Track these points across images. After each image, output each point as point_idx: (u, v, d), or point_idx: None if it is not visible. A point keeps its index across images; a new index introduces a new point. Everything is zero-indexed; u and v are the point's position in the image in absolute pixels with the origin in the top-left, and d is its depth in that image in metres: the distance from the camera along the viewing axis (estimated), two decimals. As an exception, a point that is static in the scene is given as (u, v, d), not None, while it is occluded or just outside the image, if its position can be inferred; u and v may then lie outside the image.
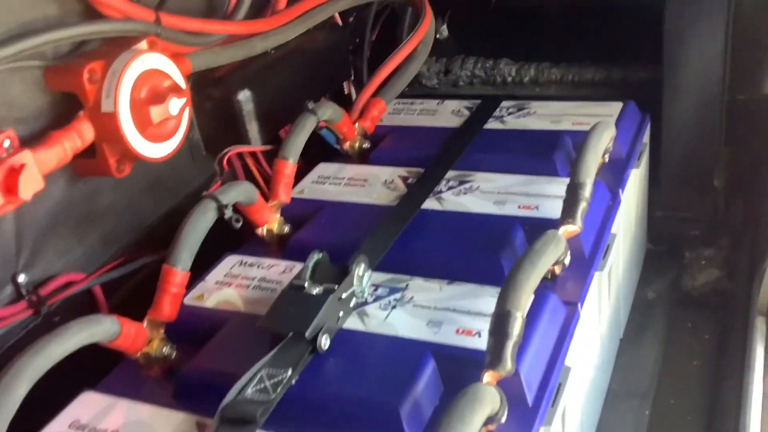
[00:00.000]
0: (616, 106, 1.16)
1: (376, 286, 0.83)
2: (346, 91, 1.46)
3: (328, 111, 1.07)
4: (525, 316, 0.68)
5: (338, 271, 0.79)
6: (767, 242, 1.11)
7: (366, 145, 1.19)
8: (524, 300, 0.68)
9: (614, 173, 1.04)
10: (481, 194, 0.99)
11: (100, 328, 0.72)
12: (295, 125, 1.03)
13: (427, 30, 1.27)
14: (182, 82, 0.97)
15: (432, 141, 1.15)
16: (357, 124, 1.20)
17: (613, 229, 0.96)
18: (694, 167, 1.27)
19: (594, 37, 1.42)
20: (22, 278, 0.88)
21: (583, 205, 0.86)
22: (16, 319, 0.85)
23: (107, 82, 0.88)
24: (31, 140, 0.84)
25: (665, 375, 1.10)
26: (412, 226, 0.94)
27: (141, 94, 0.91)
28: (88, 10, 0.93)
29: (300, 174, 1.08)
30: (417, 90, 1.57)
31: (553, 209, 0.92)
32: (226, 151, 1.05)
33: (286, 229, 1.00)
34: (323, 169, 1.13)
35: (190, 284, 0.86)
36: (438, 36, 1.57)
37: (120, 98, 0.88)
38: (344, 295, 0.77)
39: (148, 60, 0.92)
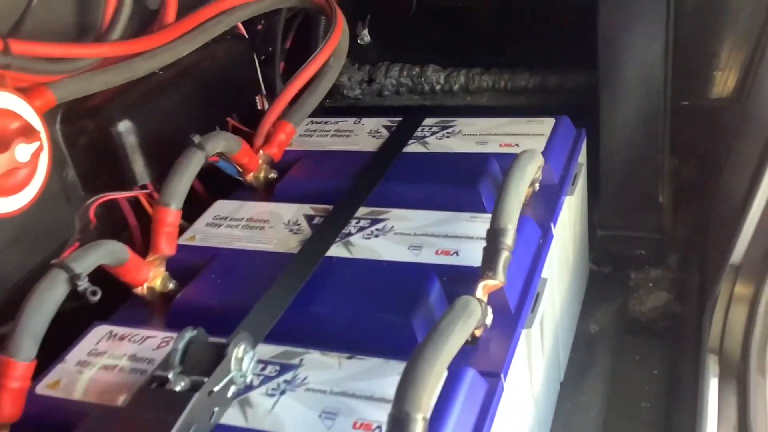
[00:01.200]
0: (547, 123, 1.04)
1: (265, 364, 0.70)
2: (259, 107, 1.32)
3: (219, 143, 0.93)
4: (428, 418, 0.56)
5: (215, 353, 0.66)
6: (717, 263, 1.00)
7: (272, 175, 1.05)
8: (426, 399, 0.56)
9: (545, 203, 0.93)
10: (394, 237, 0.86)
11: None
12: (177, 164, 0.89)
13: (339, 40, 1.13)
14: (36, 122, 0.83)
15: (345, 169, 1.02)
16: (262, 152, 1.06)
17: (545, 273, 0.84)
18: (636, 181, 1.16)
19: (527, 41, 1.31)
20: None
21: (505, 255, 0.74)
22: None
23: (-66, 131, 0.73)
24: None
25: (611, 421, 0.99)
26: (313, 280, 0.81)
27: (-21, 143, 0.76)
28: None
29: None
30: (339, 101, 1.44)
31: (475, 254, 0.79)
32: (90, 201, 0.90)
33: (171, 285, 0.86)
34: (220, 208, 0.99)
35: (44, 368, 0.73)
36: (359, 41, 1.44)
37: (-51, 150, 0.73)
38: (218, 388, 0.64)
39: (-13, 100, 0.77)
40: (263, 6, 1.18)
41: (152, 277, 0.85)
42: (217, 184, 1.08)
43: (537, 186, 0.92)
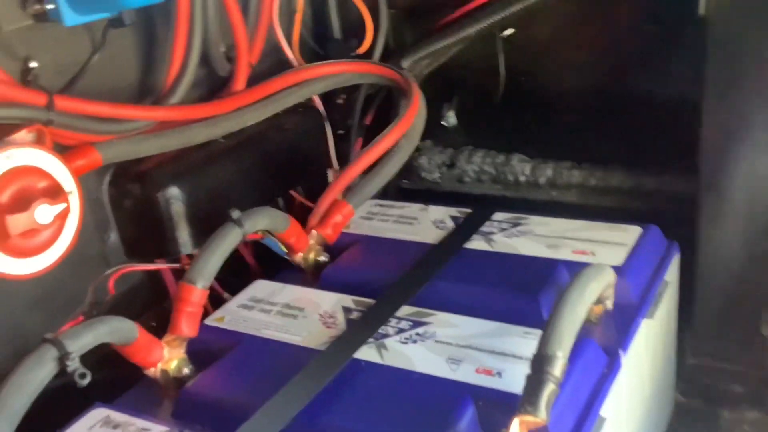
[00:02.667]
0: (632, 232, 0.92)
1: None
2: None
3: (261, 220, 0.87)
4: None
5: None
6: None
7: (323, 258, 0.98)
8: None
9: (617, 325, 0.80)
10: (434, 345, 0.76)
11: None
12: (210, 240, 0.82)
13: (413, 120, 1.06)
14: (69, 183, 0.79)
15: (399, 261, 0.93)
16: (315, 232, 0.99)
17: (605, 410, 0.71)
18: (738, 308, 1.01)
19: (623, 137, 1.19)
20: None
21: (550, 389, 0.62)
22: None
23: (-45, 184, 0.70)
24: None
25: None
26: (334, 384, 0.72)
27: (1, 199, 0.72)
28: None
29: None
30: (416, 184, 1.37)
31: (521, 378, 0.67)
32: (110, 271, 0.85)
33: (186, 371, 0.79)
34: (259, 288, 0.92)
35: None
36: (444, 123, 1.37)
37: (-34, 204, 0.70)
38: None
39: (17, 156, 0.74)
40: (338, 81, 1.13)
41: (168, 359, 0.78)
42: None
43: (609, 304, 0.80)
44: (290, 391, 0.71)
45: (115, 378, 0.79)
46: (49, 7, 0.80)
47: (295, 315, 0.85)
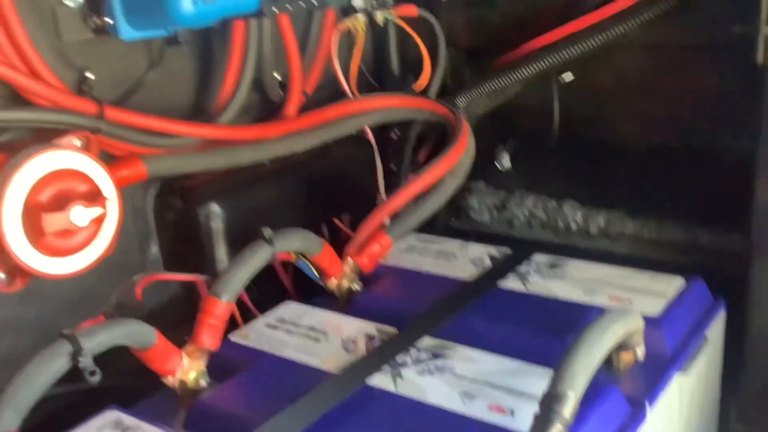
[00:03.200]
0: (674, 283, 0.88)
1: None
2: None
3: (292, 241, 0.87)
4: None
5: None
6: None
7: (356, 286, 0.97)
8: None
9: (647, 376, 0.76)
10: (450, 378, 0.74)
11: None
12: (240, 255, 0.83)
13: (459, 157, 1.05)
14: (110, 190, 0.81)
15: (430, 294, 0.92)
16: (350, 259, 0.99)
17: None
18: (788, 375, 0.94)
19: (680, 189, 1.14)
20: None
21: (557, 429, 0.59)
22: None
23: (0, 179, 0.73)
24: None
25: None
26: (341, 409, 0.70)
27: (40, 199, 0.75)
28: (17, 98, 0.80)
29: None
30: (465, 224, 1.35)
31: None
32: (138, 277, 0.86)
33: (203, 383, 0.79)
34: (286, 310, 0.92)
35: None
36: (498, 165, 1.35)
37: (7, 198, 0.73)
38: None
39: (61, 158, 0.77)
40: (390, 114, 1.14)
41: (186, 370, 0.79)
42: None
43: (639, 353, 0.76)
44: (297, 410, 0.70)
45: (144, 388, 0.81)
46: (108, 21, 0.83)
47: (318, 338, 0.85)
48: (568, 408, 0.60)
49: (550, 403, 0.60)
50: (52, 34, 0.84)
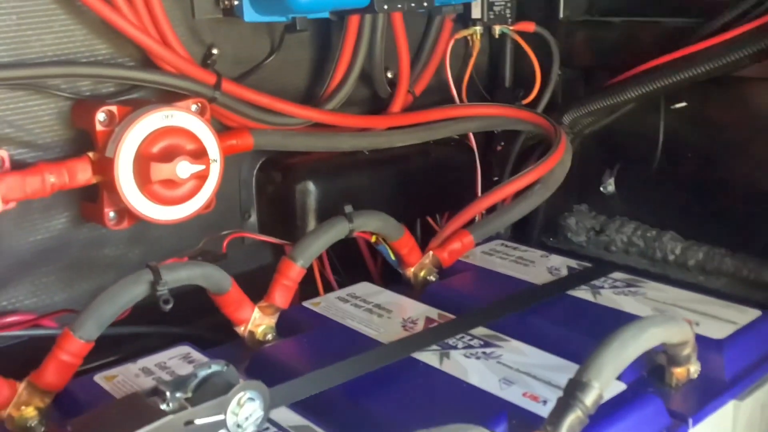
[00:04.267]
0: (749, 314, 0.86)
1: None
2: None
3: (371, 222, 0.93)
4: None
5: (221, 390, 0.63)
6: None
7: (432, 277, 1.01)
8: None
9: (699, 395, 0.75)
10: (495, 365, 0.76)
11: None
12: (319, 226, 0.90)
13: (552, 168, 1.06)
14: (215, 152, 0.90)
15: (499, 292, 0.94)
16: (431, 252, 1.03)
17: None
18: None
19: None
20: (-28, 301, 0.84)
21: (575, 414, 0.60)
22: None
23: (119, 128, 0.84)
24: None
25: None
26: (386, 373, 0.75)
27: (152, 149, 0.85)
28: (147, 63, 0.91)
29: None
30: (561, 243, 1.35)
31: (565, 412, 0.66)
32: (226, 233, 0.94)
33: (269, 337, 0.85)
34: (361, 288, 0.97)
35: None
36: (602, 189, 1.35)
37: (123, 145, 0.83)
38: (201, 422, 0.61)
39: (176, 117, 0.86)
40: (492, 123, 1.18)
41: (256, 323, 0.85)
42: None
43: (693, 371, 0.75)
44: (341, 367, 0.75)
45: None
46: (236, 3, 0.93)
47: (381, 314, 0.89)
48: (591, 397, 0.61)
49: (573, 389, 0.62)
50: (187, 11, 0.94)
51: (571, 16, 1.27)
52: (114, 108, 0.84)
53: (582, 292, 0.94)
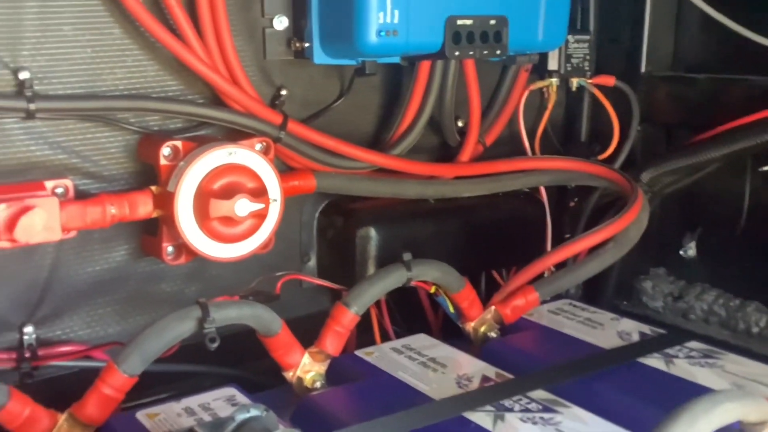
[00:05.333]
0: (842, 394, 0.78)
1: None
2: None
3: (430, 271, 0.89)
4: None
5: (258, 438, 0.60)
6: None
7: (493, 334, 0.96)
8: None
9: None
10: (552, 432, 0.71)
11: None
12: (376, 273, 0.87)
13: (626, 226, 1.01)
14: (275, 192, 0.89)
15: (564, 354, 0.89)
16: (494, 307, 0.98)
17: None
18: None
19: None
20: (28, 330, 0.84)
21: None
22: (-6, 365, 0.80)
23: (182, 163, 0.84)
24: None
25: None
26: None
27: (212, 185, 0.84)
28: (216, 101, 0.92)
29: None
30: (635, 308, 1.28)
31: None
32: (281, 274, 0.92)
33: (319, 384, 0.82)
34: (416, 340, 0.94)
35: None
36: (682, 253, 1.28)
37: (185, 180, 0.83)
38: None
39: (238, 155, 0.86)
40: (564, 177, 1.14)
41: (305, 369, 0.83)
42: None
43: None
44: (387, 422, 0.71)
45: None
46: (306, 45, 0.93)
47: (436, 369, 0.85)
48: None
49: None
50: (259, 51, 0.95)
51: (653, 71, 1.22)
52: (179, 143, 0.85)
53: (654, 360, 0.87)
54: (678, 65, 1.23)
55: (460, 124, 1.13)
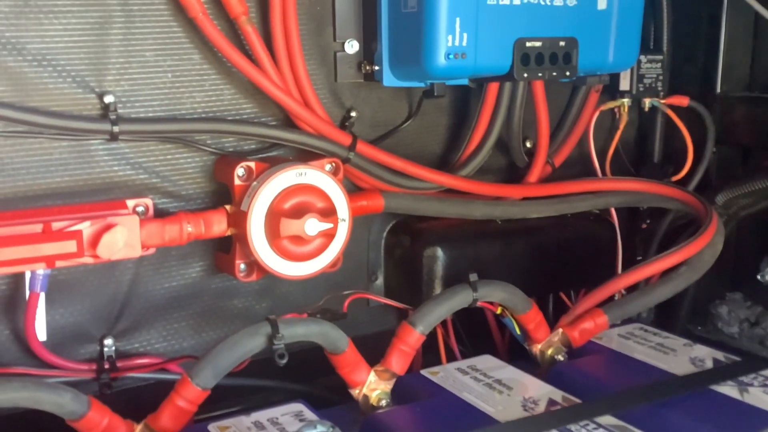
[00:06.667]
0: None
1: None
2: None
3: (496, 292, 0.89)
4: None
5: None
6: None
7: (561, 357, 0.96)
8: None
9: None
10: (618, 460, 0.70)
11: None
12: (442, 293, 0.87)
13: (700, 249, 0.98)
14: (344, 212, 0.91)
15: (634, 380, 0.88)
16: (561, 330, 0.97)
17: None
18: None
19: None
20: (108, 342, 0.88)
21: None
22: (75, 376, 0.84)
23: (255, 183, 0.87)
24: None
25: None
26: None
27: (283, 205, 0.87)
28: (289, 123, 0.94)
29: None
30: (709, 333, 1.25)
31: None
32: (348, 293, 0.93)
33: (384, 403, 0.83)
34: (482, 361, 0.94)
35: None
36: (760, 278, 1.24)
37: (257, 200, 0.86)
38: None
39: (308, 175, 0.88)
40: (636, 199, 1.13)
41: (371, 387, 0.84)
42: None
43: None
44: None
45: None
46: (376, 68, 0.95)
47: (501, 391, 0.85)
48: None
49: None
50: (330, 74, 0.97)
51: (729, 92, 1.20)
52: (252, 164, 0.87)
53: (727, 389, 0.85)
54: (754, 85, 1.20)
55: (528, 144, 1.13)
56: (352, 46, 0.97)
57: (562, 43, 0.93)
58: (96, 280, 0.87)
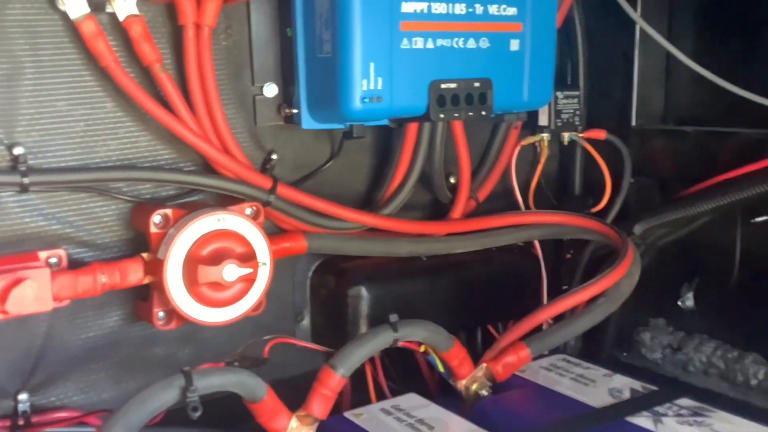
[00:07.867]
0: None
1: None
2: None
3: (417, 332, 0.90)
4: None
5: None
6: None
7: (485, 392, 0.97)
8: None
9: None
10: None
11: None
12: (364, 334, 0.88)
13: (617, 280, 1.01)
14: (264, 256, 0.91)
15: (553, 414, 0.89)
16: (485, 365, 0.99)
17: None
18: None
19: None
20: (23, 397, 0.86)
21: None
22: (-12, 434, 0.82)
23: (173, 230, 0.86)
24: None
25: None
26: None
27: (201, 252, 0.86)
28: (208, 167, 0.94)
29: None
30: (634, 359, 1.28)
31: None
32: (269, 338, 0.93)
33: (305, 450, 0.83)
34: (407, 400, 0.94)
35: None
36: (680, 304, 1.27)
37: (174, 248, 0.85)
38: None
39: (227, 221, 0.88)
40: (556, 231, 1.15)
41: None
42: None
43: None
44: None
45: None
46: (295, 111, 0.95)
47: (422, 431, 0.85)
48: None
49: None
50: (249, 118, 0.97)
51: (644, 125, 1.24)
52: (169, 211, 0.87)
53: (642, 420, 0.87)
54: (669, 118, 1.24)
55: (452, 180, 1.14)
56: (270, 90, 0.97)
57: (476, 84, 0.95)
58: (8, 334, 0.85)
